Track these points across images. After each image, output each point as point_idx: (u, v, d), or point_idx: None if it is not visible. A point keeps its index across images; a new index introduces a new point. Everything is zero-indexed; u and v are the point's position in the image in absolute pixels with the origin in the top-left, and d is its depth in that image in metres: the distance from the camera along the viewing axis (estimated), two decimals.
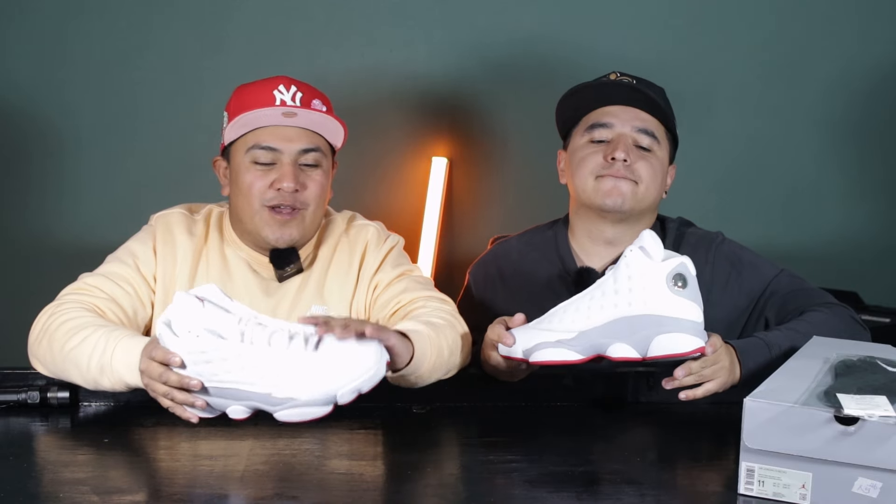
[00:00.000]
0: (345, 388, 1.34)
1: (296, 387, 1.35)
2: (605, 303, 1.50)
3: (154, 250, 1.79)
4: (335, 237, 1.86)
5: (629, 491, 1.34)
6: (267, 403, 1.37)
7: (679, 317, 1.46)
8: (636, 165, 1.84)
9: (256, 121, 1.75)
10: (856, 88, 2.95)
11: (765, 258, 1.92)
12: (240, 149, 1.77)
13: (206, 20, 2.84)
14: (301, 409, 1.35)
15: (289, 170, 1.74)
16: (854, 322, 1.79)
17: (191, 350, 1.39)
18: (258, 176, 1.75)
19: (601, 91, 1.89)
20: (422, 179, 2.88)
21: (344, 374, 1.34)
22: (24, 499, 1.30)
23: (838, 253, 2.97)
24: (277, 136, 1.75)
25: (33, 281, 2.80)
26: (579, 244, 1.94)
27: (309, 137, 1.77)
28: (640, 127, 1.86)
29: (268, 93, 1.75)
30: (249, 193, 1.76)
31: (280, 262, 1.80)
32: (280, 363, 1.35)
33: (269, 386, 1.36)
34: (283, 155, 1.75)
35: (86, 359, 1.55)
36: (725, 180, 2.96)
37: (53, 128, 2.85)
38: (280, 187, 1.74)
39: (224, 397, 1.40)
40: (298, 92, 1.76)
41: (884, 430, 1.21)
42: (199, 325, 1.38)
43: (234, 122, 1.75)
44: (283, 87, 1.76)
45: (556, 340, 1.53)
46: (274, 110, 1.73)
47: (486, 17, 2.88)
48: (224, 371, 1.38)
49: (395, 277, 1.80)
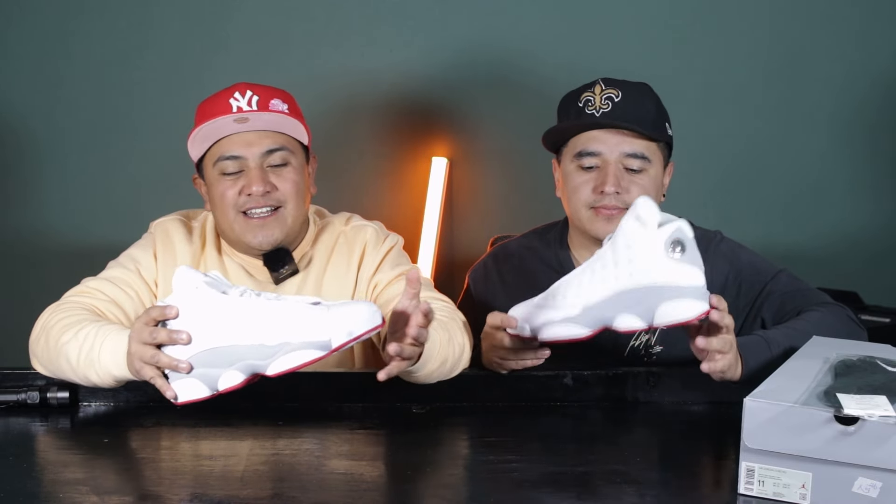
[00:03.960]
0: (339, 329, 1.34)
1: (289, 331, 1.35)
2: (606, 275, 1.51)
3: (155, 256, 1.80)
4: (332, 238, 1.86)
5: (629, 491, 1.34)
6: (259, 357, 1.37)
7: (681, 284, 1.46)
8: (627, 191, 1.82)
9: (212, 132, 1.75)
10: (856, 88, 2.95)
11: (764, 258, 1.92)
12: (208, 163, 1.79)
13: (206, 20, 2.85)
14: (294, 353, 1.35)
15: (255, 173, 1.75)
16: (851, 322, 1.79)
17: (188, 310, 1.40)
18: (228, 185, 1.76)
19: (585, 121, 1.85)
20: (422, 179, 2.88)
21: (338, 319, 1.35)
22: (24, 499, 1.30)
23: (838, 253, 2.97)
24: (238, 143, 1.75)
25: (33, 281, 2.81)
26: (577, 249, 1.94)
27: (271, 138, 1.77)
28: (629, 152, 1.82)
29: (224, 102, 1.75)
30: (223, 203, 1.76)
31: (274, 265, 1.80)
32: (275, 313, 1.37)
33: (262, 336, 1.37)
34: (248, 160, 1.75)
35: (76, 352, 1.55)
36: (725, 180, 2.96)
37: (53, 128, 2.85)
38: (250, 192, 1.75)
39: (216, 364, 1.40)
40: (255, 96, 1.76)
41: (884, 430, 1.21)
42: (199, 279, 1.41)
43: (193, 136, 1.76)
44: (238, 94, 1.76)
45: (563, 318, 1.54)
46: (226, 118, 1.74)
47: (485, 17, 2.88)
48: (218, 329, 1.39)
49: (394, 277, 1.80)
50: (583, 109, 1.85)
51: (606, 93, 1.84)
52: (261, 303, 1.39)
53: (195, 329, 1.40)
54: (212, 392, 1.42)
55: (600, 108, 1.83)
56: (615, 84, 1.86)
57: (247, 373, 1.40)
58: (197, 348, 1.40)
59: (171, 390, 1.43)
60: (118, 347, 1.51)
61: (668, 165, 1.92)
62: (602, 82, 1.86)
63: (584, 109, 1.85)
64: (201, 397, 1.42)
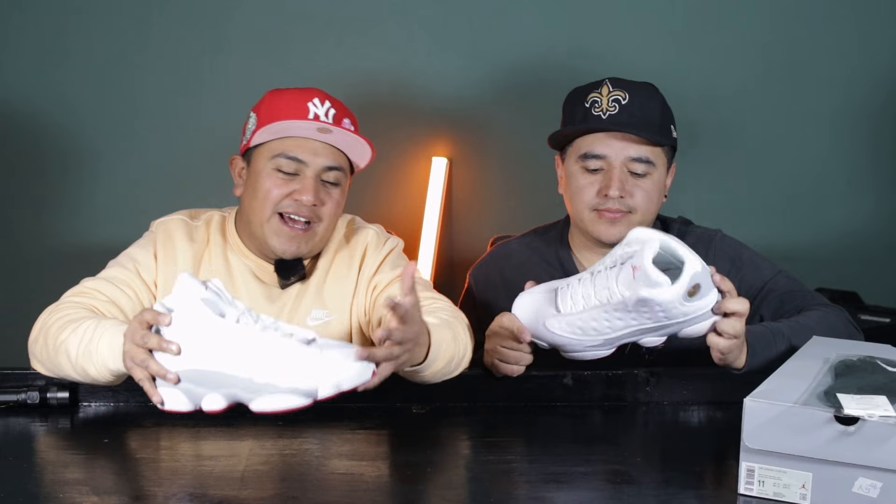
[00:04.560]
0: (327, 381, 1.33)
1: (278, 373, 1.33)
2: (628, 321, 1.54)
3: (155, 256, 1.79)
4: (335, 242, 1.86)
5: (629, 491, 1.34)
6: (246, 390, 1.35)
7: (700, 313, 1.52)
8: (631, 195, 1.83)
9: (290, 131, 1.75)
10: (856, 88, 2.95)
11: (764, 257, 1.92)
12: (264, 154, 1.77)
13: (206, 20, 2.84)
14: (279, 395, 1.33)
15: (310, 183, 1.75)
16: (849, 323, 1.79)
17: (184, 324, 1.38)
18: (278, 184, 1.75)
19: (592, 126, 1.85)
20: (422, 179, 2.88)
21: (328, 369, 1.33)
22: (24, 499, 1.30)
23: (838, 253, 2.97)
24: (305, 149, 1.75)
25: (34, 281, 2.81)
26: (579, 249, 1.94)
27: (335, 156, 1.78)
28: (634, 156, 1.83)
29: (302, 104, 1.75)
30: (266, 199, 1.76)
31: (285, 273, 1.80)
32: (267, 349, 1.35)
33: (252, 370, 1.34)
34: (308, 168, 1.75)
35: (75, 347, 1.55)
36: (725, 180, 2.96)
37: (53, 128, 2.85)
38: (299, 198, 1.74)
39: (202, 384, 1.37)
40: (332, 108, 1.77)
41: (884, 430, 1.21)
42: (197, 297, 1.38)
43: (266, 128, 1.74)
44: (317, 101, 1.76)
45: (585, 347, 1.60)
46: (309, 124, 1.73)
47: (485, 16, 2.88)
48: (209, 352, 1.36)
49: (393, 279, 1.80)
50: (589, 111, 1.85)
51: (614, 95, 1.84)
52: (255, 334, 1.36)
53: (186, 345, 1.38)
54: (195, 407, 1.40)
55: (607, 110, 1.83)
56: (622, 85, 1.85)
57: (230, 400, 1.37)
58: (186, 364, 1.38)
59: (158, 395, 1.40)
60: (115, 341, 1.50)
61: (671, 166, 1.92)
62: (609, 83, 1.86)
63: (590, 111, 1.84)
64: (184, 410, 1.40)
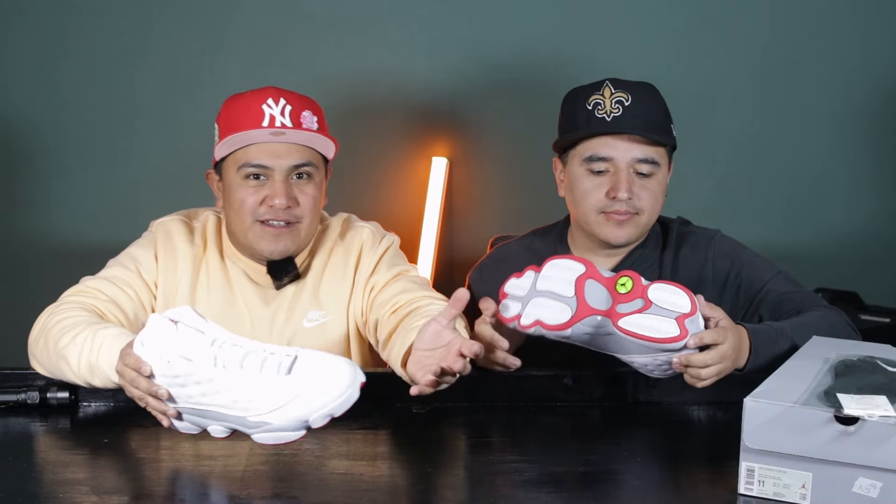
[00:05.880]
0: (316, 413, 1.31)
1: (268, 412, 1.32)
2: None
3: (155, 257, 1.80)
4: (330, 241, 1.86)
5: (629, 491, 1.34)
6: (243, 426, 1.34)
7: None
8: (638, 196, 1.83)
9: (245, 140, 1.75)
10: (856, 88, 2.95)
11: (764, 258, 1.92)
12: (230, 166, 1.77)
13: (206, 20, 2.84)
14: (275, 433, 1.32)
15: (280, 187, 1.74)
16: (848, 325, 1.79)
17: (164, 374, 1.36)
18: (249, 192, 1.75)
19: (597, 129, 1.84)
20: (422, 179, 2.88)
21: (316, 400, 1.30)
22: (24, 499, 1.30)
23: (838, 253, 2.97)
24: (267, 154, 1.74)
25: (33, 281, 2.81)
26: (579, 250, 1.94)
27: (300, 153, 1.77)
28: (640, 157, 1.83)
29: (256, 108, 1.74)
30: (241, 210, 1.76)
31: (277, 273, 1.81)
32: (252, 387, 1.32)
33: (243, 410, 1.33)
34: (274, 172, 1.75)
35: (76, 357, 1.55)
36: (725, 180, 2.96)
37: (53, 128, 2.85)
38: (272, 204, 1.74)
39: (203, 416, 1.37)
40: (287, 105, 1.75)
41: (884, 430, 1.21)
42: (171, 351, 1.34)
43: (225, 140, 1.75)
44: (271, 101, 1.75)
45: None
46: (262, 132, 1.73)
47: (485, 16, 2.88)
48: (199, 394, 1.34)
49: (391, 278, 1.80)
50: (592, 113, 1.85)
51: (616, 96, 1.84)
52: (235, 375, 1.32)
53: (175, 389, 1.36)
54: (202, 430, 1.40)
55: (611, 112, 1.83)
56: (624, 86, 1.85)
57: (232, 430, 1.37)
58: (182, 405, 1.37)
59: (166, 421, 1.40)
60: (114, 354, 1.50)
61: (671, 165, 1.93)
62: (611, 84, 1.85)
63: (593, 113, 1.84)
64: (193, 433, 1.41)
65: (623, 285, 1.52)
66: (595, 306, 1.54)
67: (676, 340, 1.47)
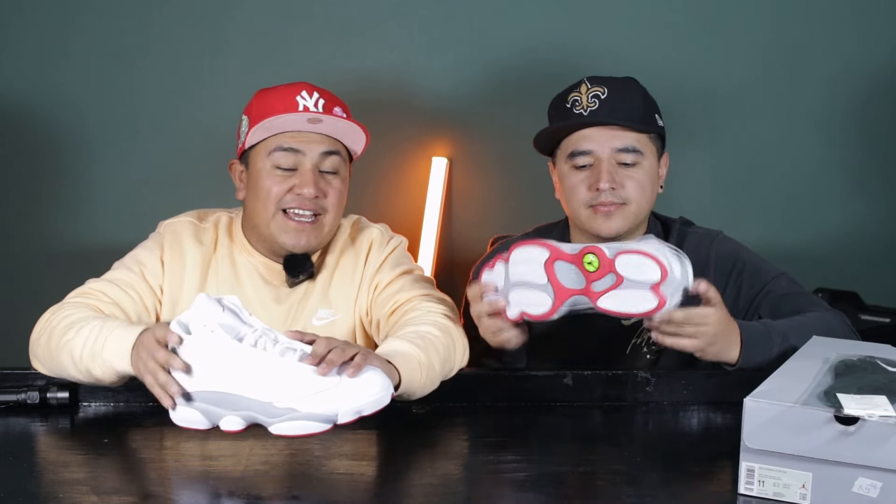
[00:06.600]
0: (347, 407, 1.33)
1: (299, 399, 1.33)
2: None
3: (161, 260, 1.79)
4: (341, 241, 1.87)
5: (629, 491, 1.34)
6: (265, 414, 1.35)
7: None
8: (623, 186, 1.83)
9: (281, 125, 1.75)
10: (856, 88, 2.94)
11: (765, 259, 1.92)
12: (260, 152, 1.78)
13: (206, 20, 2.84)
14: (299, 422, 1.33)
15: (309, 176, 1.75)
16: (846, 327, 1.80)
17: (202, 348, 1.38)
18: (277, 181, 1.76)
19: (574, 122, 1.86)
20: (422, 179, 2.88)
21: (349, 395, 1.33)
22: (24, 499, 1.30)
23: (838, 253, 2.97)
24: (300, 140, 1.76)
25: (34, 281, 2.81)
26: None
27: (330, 142, 1.78)
28: (620, 147, 1.83)
29: (291, 98, 1.75)
30: (268, 197, 1.76)
31: (294, 270, 1.80)
32: (288, 375, 1.35)
33: (272, 395, 1.34)
34: (305, 158, 1.76)
35: (79, 347, 1.56)
36: (725, 180, 2.96)
37: (54, 128, 2.85)
38: (300, 193, 1.75)
39: (222, 405, 1.38)
40: (321, 98, 1.77)
41: (884, 430, 1.21)
42: (214, 322, 1.38)
43: (258, 126, 1.75)
44: (305, 93, 1.76)
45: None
46: (299, 116, 1.74)
47: (486, 16, 2.88)
48: (229, 375, 1.36)
49: (394, 277, 1.81)
50: (570, 110, 1.86)
51: (593, 91, 1.85)
52: (274, 359, 1.36)
53: (204, 366, 1.38)
54: (211, 426, 1.41)
55: (588, 106, 1.84)
56: (601, 81, 1.87)
57: (249, 421, 1.38)
58: (203, 385, 1.39)
59: (170, 400, 1.41)
60: (123, 342, 1.51)
61: (663, 156, 1.92)
62: (587, 81, 1.87)
63: (571, 110, 1.86)
64: (201, 428, 1.41)
65: (590, 263, 1.55)
66: (570, 286, 1.57)
67: (656, 311, 1.51)
